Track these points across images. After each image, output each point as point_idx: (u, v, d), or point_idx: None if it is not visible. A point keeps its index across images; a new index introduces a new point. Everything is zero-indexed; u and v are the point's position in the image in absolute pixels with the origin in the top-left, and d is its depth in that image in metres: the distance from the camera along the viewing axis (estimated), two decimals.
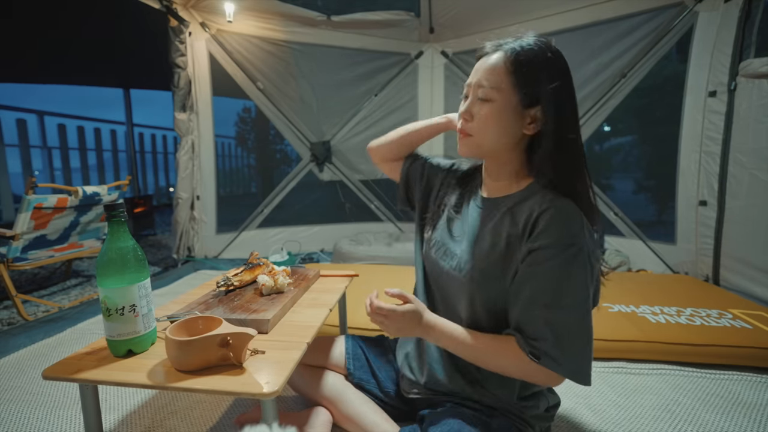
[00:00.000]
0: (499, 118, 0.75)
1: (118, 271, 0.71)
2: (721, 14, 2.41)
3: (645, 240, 2.96)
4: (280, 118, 3.58)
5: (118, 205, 0.73)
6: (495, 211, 0.80)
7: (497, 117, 0.75)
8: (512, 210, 0.77)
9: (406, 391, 0.93)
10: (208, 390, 0.65)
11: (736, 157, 2.35)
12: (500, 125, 0.76)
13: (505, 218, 0.78)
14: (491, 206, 0.82)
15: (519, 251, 0.73)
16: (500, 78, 0.74)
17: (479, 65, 0.78)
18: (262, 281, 1.02)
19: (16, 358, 1.67)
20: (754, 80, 2.22)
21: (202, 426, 1.19)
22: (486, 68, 0.76)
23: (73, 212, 2.49)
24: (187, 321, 0.75)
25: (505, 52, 0.75)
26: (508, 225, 0.76)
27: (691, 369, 1.49)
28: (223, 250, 3.48)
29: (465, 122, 0.79)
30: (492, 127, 0.76)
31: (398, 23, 3.40)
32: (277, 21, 3.27)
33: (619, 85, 2.93)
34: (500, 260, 0.75)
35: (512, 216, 0.77)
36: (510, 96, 0.74)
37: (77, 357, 0.73)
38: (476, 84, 0.77)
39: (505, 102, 0.74)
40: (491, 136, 0.77)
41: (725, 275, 2.43)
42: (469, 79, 0.79)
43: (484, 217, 0.82)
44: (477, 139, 0.78)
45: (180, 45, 3.04)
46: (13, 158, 5.30)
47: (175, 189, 3.25)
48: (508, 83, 0.74)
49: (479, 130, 0.77)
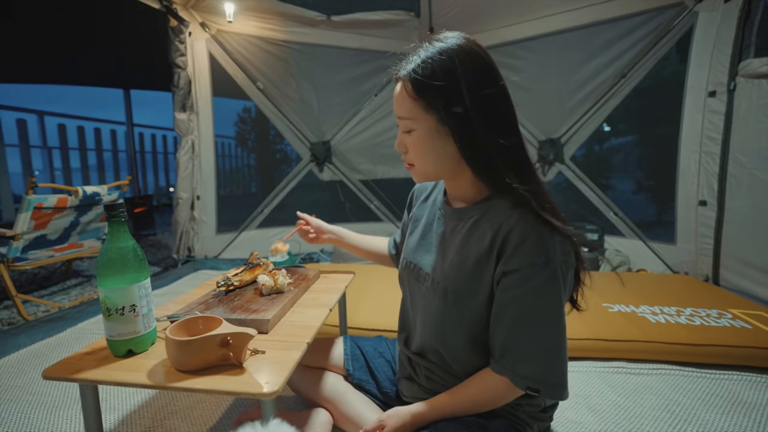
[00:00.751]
0: (427, 145, 0.73)
1: (118, 271, 0.71)
2: (720, 14, 2.41)
3: (645, 240, 2.96)
4: (280, 118, 3.58)
5: (118, 205, 0.73)
6: (461, 222, 0.79)
7: (425, 144, 0.73)
8: (478, 222, 0.75)
9: (404, 395, 0.93)
10: (208, 390, 0.65)
11: (735, 157, 2.35)
12: (432, 151, 0.73)
13: (473, 233, 0.75)
14: (458, 216, 0.80)
15: (488, 271, 0.71)
16: (409, 106, 0.71)
17: (394, 93, 0.76)
18: (262, 281, 1.02)
19: (17, 358, 1.67)
20: (753, 80, 2.22)
21: (202, 426, 1.19)
22: (396, 99, 0.74)
23: (74, 212, 2.49)
24: (187, 321, 0.75)
25: (404, 79, 0.72)
26: (476, 241, 0.74)
27: (691, 369, 1.49)
28: (223, 250, 3.48)
29: (404, 154, 0.78)
30: (426, 154, 0.74)
31: (398, 23, 3.40)
32: (277, 21, 3.27)
33: (619, 85, 2.93)
34: (470, 278, 0.74)
35: (478, 230, 0.74)
36: (427, 121, 0.71)
37: (77, 357, 0.73)
38: (397, 116, 0.75)
39: (425, 128, 0.71)
40: (429, 162, 0.75)
41: (725, 275, 2.43)
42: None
43: (452, 228, 0.81)
44: (419, 167, 0.77)
45: (180, 45, 3.04)
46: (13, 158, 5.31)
47: (175, 189, 3.25)
48: (418, 109, 0.71)
49: (417, 159, 0.76)
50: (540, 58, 3.24)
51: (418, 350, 0.87)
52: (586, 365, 1.54)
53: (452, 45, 0.70)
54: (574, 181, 3.32)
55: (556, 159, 3.34)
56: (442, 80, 0.68)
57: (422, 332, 0.84)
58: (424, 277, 0.83)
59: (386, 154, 3.81)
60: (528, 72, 3.31)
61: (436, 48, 0.70)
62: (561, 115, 3.27)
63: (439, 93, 0.69)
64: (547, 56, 3.22)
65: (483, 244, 0.72)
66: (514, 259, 0.68)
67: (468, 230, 0.76)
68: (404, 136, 0.76)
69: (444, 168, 0.76)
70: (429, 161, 0.75)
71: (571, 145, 3.31)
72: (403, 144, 0.76)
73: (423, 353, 0.86)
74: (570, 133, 3.26)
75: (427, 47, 0.72)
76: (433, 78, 0.68)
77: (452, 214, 0.81)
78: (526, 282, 0.67)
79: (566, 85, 3.16)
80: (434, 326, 0.80)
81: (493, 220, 0.72)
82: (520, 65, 3.31)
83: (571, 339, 1.58)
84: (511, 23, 3.20)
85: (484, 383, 0.75)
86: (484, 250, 0.72)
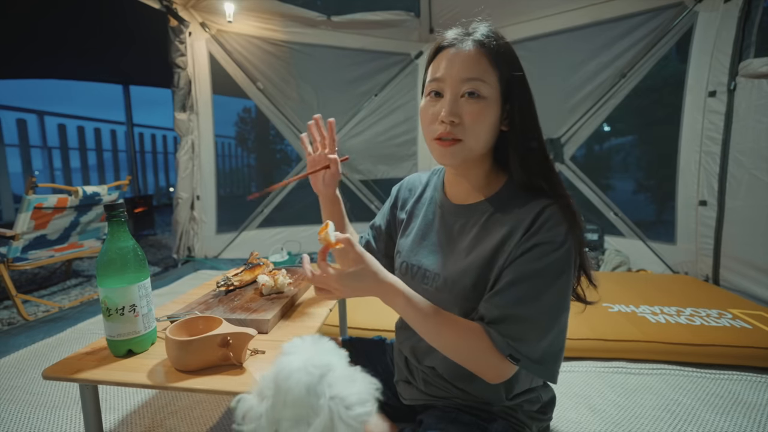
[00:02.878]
0: (489, 115, 0.68)
1: (118, 271, 0.71)
2: (720, 14, 2.41)
3: (645, 240, 2.96)
4: (280, 118, 3.58)
5: (118, 205, 0.73)
6: (471, 218, 0.75)
7: (488, 114, 0.68)
8: (495, 215, 0.72)
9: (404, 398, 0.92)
10: (208, 390, 0.65)
11: (735, 157, 2.35)
12: (490, 123, 0.69)
13: (488, 228, 0.72)
14: (467, 213, 0.77)
15: (502, 256, 0.69)
16: (486, 69, 0.67)
17: (453, 57, 0.68)
18: (262, 281, 1.02)
19: (17, 358, 1.67)
20: (753, 80, 2.22)
21: (202, 426, 1.19)
22: (467, 59, 0.67)
23: (73, 212, 2.49)
24: (187, 321, 0.75)
25: (482, 40, 0.68)
26: (492, 234, 0.71)
27: (691, 369, 1.49)
28: (223, 250, 3.48)
29: (452, 126, 0.68)
30: (484, 127, 0.69)
31: (398, 23, 3.40)
32: (277, 21, 3.27)
33: (619, 85, 2.93)
34: (488, 270, 0.71)
35: (495, 225, 0.71)
36: (496, 89, 0.68)
37: (77, 357, 0.73)
38: (457, 78, 0.67)
39: (494, 96, 0.68)
40: (483, 136, 0.69)
41: (725, 275, 2.43)
42: (441, 72, 0.69)
43: (460, 225, 0.77)
44: (469, 142, 0.69)
45: (180, 45, 3.04)
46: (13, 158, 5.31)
47: (175, 189, 3.25)
48: (494, 75, 0.68)
49: (471, 132, 0.68)
50: (540, 58, 3.24)
51: (423, 353, 0.85)
52: (586, 365, 1.54)
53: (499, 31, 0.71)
54: (574, 181, 3.32)
55: (556, 159, 3.34)
56: (510, 54, 0.70)
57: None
58: (433, 278, 0.79)
59: (386, 154, 3.81)
60: (528, 72, 3.26)
61: (490, 25, 0.71)
62: (561, 115, 3.27)
63: (507, 64, 0.69)
64: (547, 56, 3.22)
65: (500, 234, 0.70)
66: (534, 237, 0.66)
67: (482, 226, 0.74)
68: (463, 103, 0.68)
69: (485, 147, 0.71)
70: (483, 135, 0.69)
71: (571, 145, 3.31)
72: (457, 113, 0.67)
73: (427, 357, 0.84)
74: (570, 133, 3.26)
75: (479, 24, 0.72)
76: (505, 49, 0.69)
77: (459, 211, 0.78)
78: (543, 257, 0.66)
79: (566, 85, 3.16)
80: None
81: (512, 212, 0.71)
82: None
83: (571, 339, 1.58)
84: (511, 23, 3.20)
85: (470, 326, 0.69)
86: (504, 239, 0.69)
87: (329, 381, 0.50)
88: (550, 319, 0.67)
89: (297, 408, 0.48)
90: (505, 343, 0.65)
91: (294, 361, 0.51)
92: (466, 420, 0.77)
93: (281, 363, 0.52)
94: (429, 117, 0.71)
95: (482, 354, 0.67)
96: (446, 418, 0.79)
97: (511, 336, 0.65)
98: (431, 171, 0.93)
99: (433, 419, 0.80)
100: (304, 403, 0.48)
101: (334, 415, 0.48)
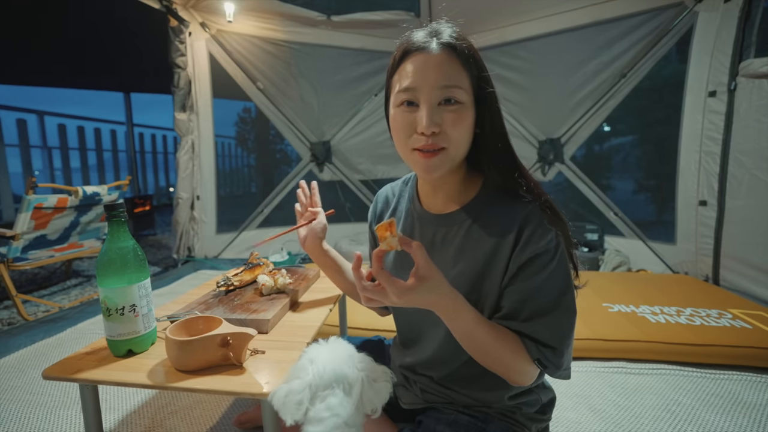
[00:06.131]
0: (467, 120, 0.66)
1: (118, 271, 0.71)
2: (720, 14, 2.41)
3: (645, 240, 2.96)
4: (280, 118, 3.58)
5: (118, 205, 0.73)
6: (452, 227, 0.73)
7: (466, 119, 0.65)
8: (477, 222, 0.71)
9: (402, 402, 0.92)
10: (208, 390, 0.65)
11: (736, 157, 2.35)
12: (468, 127, 0.66)
13: (473, 236, 0.70)
14: (447, 222, 0.74)
15: (498, 267, 0.68)
16: (460, 73, 0.64)
17: (424, 62, 0.64)
18: (262, 281, 1.02)
19: (17, 358, 1.67)
20: (754, 80, 2.22)
21: (202, 426, 1.19)
22: (440, 65, 0.64)
23: (73, 212, 2.49)
24: (187, 321, 0.75)
25: (452, 43, 0.65)
26: (479, 243, 0.70)
27: (691, 369, 1.49)
28: (223, 250, 3.48)
29: (434, 136, 0.64)
30: (464, 132, 0.66)
31: (398, 23, 3.40)
32: (277, 21, 3.27)
33: (619, 85, 2.93)
34: (480, 283, 0.70)
35: (478, 232, 0.70)
36: (470, 92, 0.66)
37: (77, 357, 0.73)
38: (434, 86, 0.63)
39: (468, 100, 0.65)
40: (463, 142, 0.66)
41: (725, 275, 2.43)
42: (413, 80, 0.64)
43: (442, 235, 0.75)
44: (452, 151, 0.66)
45: (180, 45, 3.04)
46: (13, 158, 5.31)
47: (175, 189, 3.25)
48: (467, 78, 0.65)
49: (453, 139, 0.65)
50: (540, 58, 3.24)
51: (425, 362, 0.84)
52: (586, 365, 1.54)
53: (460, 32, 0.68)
54: (574, 181, 3.32)
55: (556, 159, 3.34)
56: (475, 55, 0.67)
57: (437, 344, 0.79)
58: None
59: (386, 154, 3.81)
60: (528, 72, 3.31)
61: (452, 27, 0.68)
62: (561, 115, 3.27)
63: (476, 66, 0.66)
64: (547, 56, 3.22)
65: (488, 244, 0.69)
66: (527, 250, 0.66)
67: (465, 236, 0.72)
68: (442, 111, 0.64)
69: (465, 153, 0.69)
70: (463, 140, 0.66)
71: (571, 145, 3.31)
72: (437, 123, 0.64)
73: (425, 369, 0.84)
74: (570, 133, 3.26)
75: (441, 24, 0.69)
76: (472, 50, 0.66)
77: (440, 221, 0.76)
78: (547, 264, 0.66)
79: (566, 85, 3.16)
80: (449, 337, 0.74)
81: (495, 220, 0.70)
82: (520, 65, 3.31)
83: None
84: (511, 23, 3.20)
85: (513, 337, 0.68)
86: (492, 249, 0.69)
87: (356, 360, 0.64)
88: (568, 321, 0.68)
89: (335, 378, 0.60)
90: (539, 352, 0.67)
91: (322, 348, 0.65)
92: (465, 421, 0.77)
93: (311, 350, 0.64)
94: (405, 129, 0.67)
95: (519, 363, 0.68)
96: (445, 419, 0.79)
97: (542, 342, 0.67)
98: (401, 180, 0.92)
99: (432, 420, 0.80)
100: (339, 375, 0.60)
101: (364, 384, 0.62)
